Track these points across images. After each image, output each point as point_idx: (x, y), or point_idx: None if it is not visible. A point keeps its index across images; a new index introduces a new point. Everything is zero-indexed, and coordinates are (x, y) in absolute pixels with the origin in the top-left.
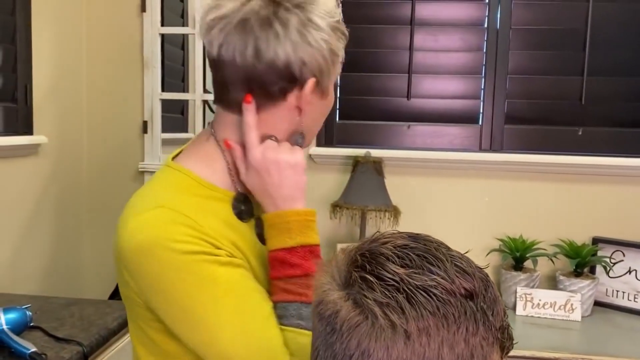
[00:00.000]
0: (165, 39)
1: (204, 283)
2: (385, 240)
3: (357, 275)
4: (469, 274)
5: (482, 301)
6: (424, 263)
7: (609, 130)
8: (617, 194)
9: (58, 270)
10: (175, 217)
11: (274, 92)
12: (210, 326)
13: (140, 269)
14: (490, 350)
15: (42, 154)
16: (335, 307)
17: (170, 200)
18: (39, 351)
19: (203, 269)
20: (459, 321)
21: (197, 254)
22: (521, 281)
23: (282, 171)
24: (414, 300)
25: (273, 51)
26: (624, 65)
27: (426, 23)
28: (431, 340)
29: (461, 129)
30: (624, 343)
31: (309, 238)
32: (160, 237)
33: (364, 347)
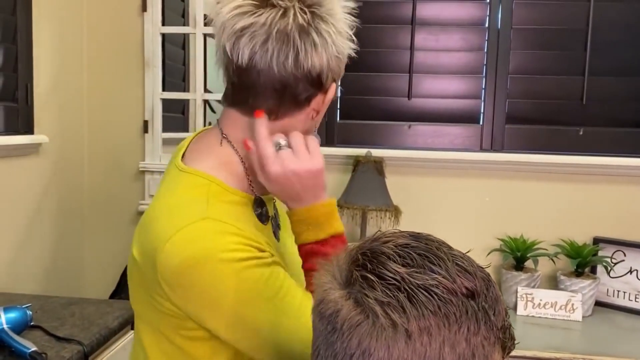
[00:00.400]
0: (166, 38)
1: (256, 287)
2: (386, 239)
3: (358, 274)
4: (470, 273)
5: (483, 300)
6: (425, 262)
7: (610, 130)
8: (618, 194)
9: (59, 270)
10: (222, 227)
11: (302, 99)
12: (265, 324)
13: (189, 282)
14: (491, 350)
15: (42, 153)
16: (336, 306)
17: (211, 211)
18: (40, 350)
19: (255, 273)
20: (460, 320)
21: (247, 260)
22: (522, 281)
23: (304, 180)
24: (415, 300)
25: (311, 61)
26: (625, 65)
27: (427, 23)
28: (432, 339)
29: (462, 128)
30: (624, 343)
31: (337, 227)
32: (211, 248)
33: (364, 346)
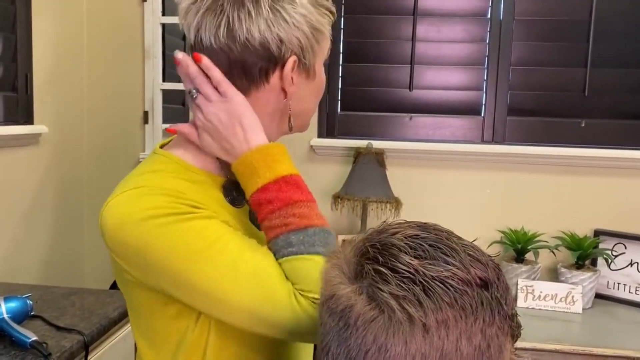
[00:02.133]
0: (166, 29)
1: (187, 238)
2: (394, 230)
3: (369, 268)
4: (482, 263)
5: (496, 290)
6: (438, 253)
7: (612, 122)
8: (619, 186)
9: (58, 261)
10: (151, 191)
11: (254, 74)
12: (206, 279)
13: (122, 244)
14: (504, 339)
15: (42, 143)
16: (348, 302)
17: (150, 182)
18: (40, 340)
19: (183, 226)
20: (476, 312)
21: (173, 215)
22: (522, 273)
23: (224, 122)
24: (431, 292)
25: (246, 30)
26: (627, 56)
27: (429, 13)
28: (450, 332)
29: (463, 120)
30: (624, 335)
31: (280, 170)
32: (132, 210)
33: (380, 342)
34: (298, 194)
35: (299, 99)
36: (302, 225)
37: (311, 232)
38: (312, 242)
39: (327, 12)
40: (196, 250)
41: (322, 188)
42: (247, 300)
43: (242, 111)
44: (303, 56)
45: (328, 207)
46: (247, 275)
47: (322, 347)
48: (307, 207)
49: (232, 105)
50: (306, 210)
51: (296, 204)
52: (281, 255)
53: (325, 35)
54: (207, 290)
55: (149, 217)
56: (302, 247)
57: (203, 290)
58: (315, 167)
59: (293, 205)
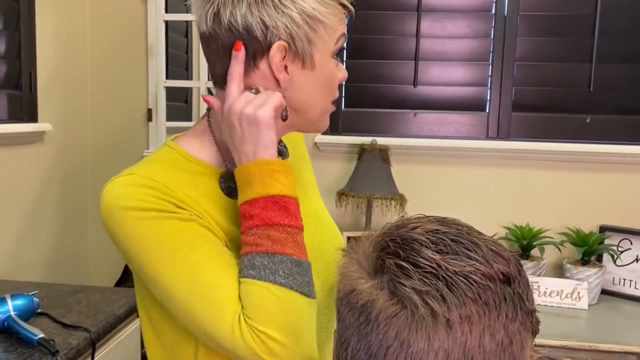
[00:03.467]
0: (169, 26)
1: (160, 237)
2: (414, 225)
3: (391, 262)
4: (504, 257)
5: (518, 286)
6: (460, 248)
7: (617, 118)
8: (625, 182)
9: (63, 258)
10: (138, 180)
11: None
12: (166, 279)
13: (109, 232)
14: (526, 335)
15: (46, 141)
16: (369, 297)
17: (145, 169)
18: (47, 337)
19: (160, 224)
20: (500, 307)
21: (153, 211)
22: (528, 269)
23: (243, 125)
24: (455, 287)
25: (229, 14)
26: (633, 52)
27: (433, 9)
28: (473, 328)
29: (468, 116)
30: (631, 331)
31: (272, 188)
32: (120, 196)
33: (403, 338)
34: (282, 217)
35: (299, 90)
36: (272, 250)
37: (278, 259)
38: (274, 270)
39: (332, 2)
40: (163, 249)
41: (326, 185)
42: (194, 309)
43: (264, 125)
44: (294, 43)
45: (332, 204)
46: (200, 286)
47: (341, 342)
48: (286, 233)
49: (260, 112)
50: (283, 236)
51: (275, 227)
52: (241, 275)
53: (328, 25)
54: (165, 289)
55: (130, 207)
56: (263, 273)
57: (161, 288)
58: (320, 164)
59: (271, 227)
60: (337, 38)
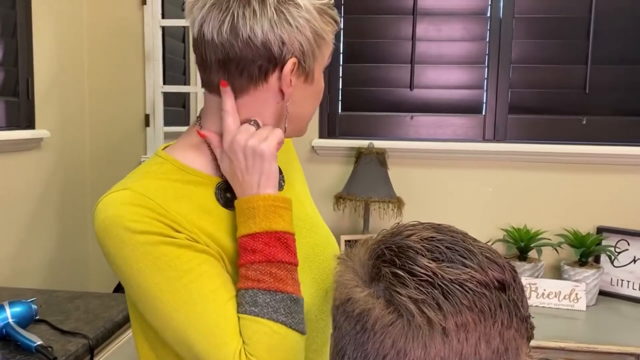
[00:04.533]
0: (166, 32)
1: (158, 263)
2: (409, 232)
3: (387, 271)
4: (499, 265)
5: (513, 293)
6: (455, 256)
7: (613, 119)
8: (621, 183)
9: (62, 265)
10: (135, 198)
11: (253, 72)
12: (164, 307)
13: (104, 249)
14: (521, 342)
15: (44, 148)
16: (366, 305)
17: (138, 183)
18: (45, 344)
19: (158, 250)
20: (495, 315)
21: (151, 235)
22: (526, 271)
23: (248, 157)
24: (450, 295)
25: (250, 28)
26: (628, 53)
27: (429, 13)
28: (469, 335)
29: (464, 119)
30: (629, 332)
31: (276, 224)
32: (116, 215)
33: (399, 347)
34: (283, 254)
35: (296, 103)
36: (274, 288)
37: (279, 297)
38: (276, 308)
39: (332, 21)
40: (162, 277)
41: (324, 188)
42: (194, 342)
43: (268, 157)
44: (303, 60)
45: (330, 207)
46: (201, 319)
47: (337, 351)
48: (287, 270)
49: (264, 146)
50: (284, 273)
51: (277, 264)
52: (243, 311)
53: (327, 42)
54: (162, 317)
55: (127, 228)
56: (265, 311)
57: (158, 316)
58: (317, 168)
59: (274, 264)
60: (330, 53)
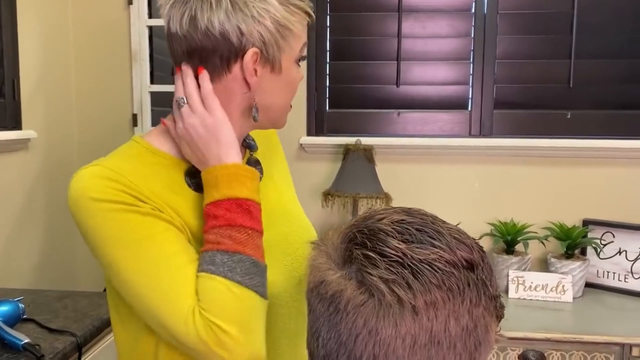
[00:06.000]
0: (153, 32)
1: (120, 230)
2: (380, 216)
3: (358, 253)
4: (467, 245)
5: (481, 272)
6: (424, 237)
7: (597, 113)
8: (606, 176)
9: (50, 265)
10: (102, 172)
11: (215, 62)
12: (126, 273)
13: (76, 222)
14: (490, 320)
15: (31, 148)
16: (338, 287)
17: (109, 161)
18: (32, 342)
19: (121, 217)
20: (464, 293)
21: (115, 203)
22: (513, 264)
23: (201, 135)
24: (420, 275)
25: (207, 19)
26: (611, 48)
27: (414, 10)
28: (438, 313)
29: (451, 115)
30: (614, 322)
31: (238, 192)
32: (84, 188)
33: (371, 326)
34: (244, 219)
35: (266, 93)
36: (232, 249)
37: (237, 258)
38: (232, 268)
39: (298, 11)
40: (124, 242)
41: (312, 186)
42: (150, 302)
43: (221, 127)
44: (265, 50)
45: (319, 204)
46: (158, 280)
47: (312, 333)
48: (247, 235)
49: (212, 120)
50: (244, 237)
51: (237, 228)
52: (200, 270)
53: (294, 33)
54: (124, 281)
55: (94, 198)
56: (221, 269)
57: (121, 280)
58: (305, 165)
59: (233, 228)
60: (301, 46)
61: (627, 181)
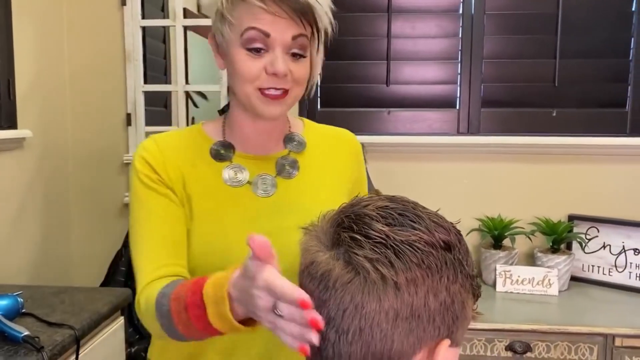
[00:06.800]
0: (147, 32)
1: (133, 195)
2: (366, 203)
3: (345, 235)
4: (445, 228)
5: (458, 252)
6: (406, 220)
7: (581, 111)
8: (591, 172)
9: (46, 263)
10: (149, 145)
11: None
12: (130, 226)
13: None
14: (466, 296)
15: (27, 147)
16: (327, 267)
17: (161, 135)
18: (32, 335)
19: (136, 182)
20: (441, 271)
21: (145, 176)
22: (500, 259)
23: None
24: (401, 254)
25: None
26: (594, 47)
27: (403, 10)
28: (418, 289)
29: (439, 113)
30: (598, 314)
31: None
32: (134, 154)
33: (357, 301)
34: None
35: (229, 77)
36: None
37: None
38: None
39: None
40: (136, 207)
41: None
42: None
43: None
44: (215, 37)
45: None
46: (140, 247)
47: None
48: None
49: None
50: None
51: (190, 320)
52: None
53: (232, 23)
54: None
55: (134, 168)
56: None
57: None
58: None
59: (189, 320)
60: (241, 31)
61: (611, 177)
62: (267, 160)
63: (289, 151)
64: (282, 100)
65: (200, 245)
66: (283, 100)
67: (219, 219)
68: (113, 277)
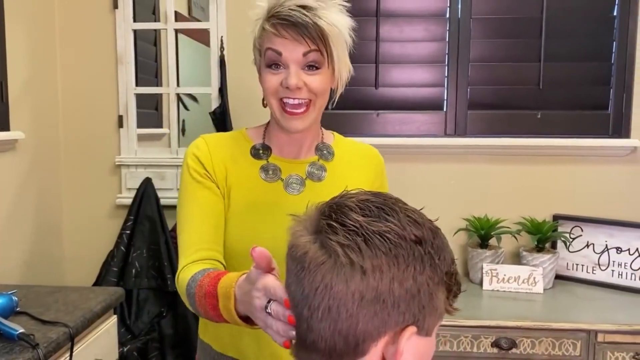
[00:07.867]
0: (138, 35)
1: (182, 186)
2: (350, 195)
3: (324, 223)
4: (419, 224)
5: (429, 247)
6: (381, 213)
7: (566, 113)
8: (575, 173)
9: (38, 264)
10: (199, 143)
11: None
12: (177, 213)
13: None
14: (436, 288)
15: (19, 149)
16: (304, 249)
17: (210, 135)
18: (27, 332)
19: (186, 175)
20: (408, 261)
21: (188, 167)
22: (487, 258)
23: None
24: (371, 243)
25: None
26: (578, 51)
27: (391, 14)
28: (383, 276)
29: (427, 115)
30: (581, 311)
31: (223, 302)
32: (186, 152)
33: (327, 281)
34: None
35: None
36: (209, 307)
37: (200, 300)
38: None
39: (264, 32)
40: (183, 197)
41: None
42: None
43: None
44: (255, 57)
45: None
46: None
47: (286, 286)
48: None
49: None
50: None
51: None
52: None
53: (258, 48)
54: (179, 221)
55: (186, 163)
56: (192, 301)
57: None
58: None
59: (212, 303)
60: (263, 52)
61: (595, 178)
62: (299, 164)
63: (319, 158)
64: (303, 116)
65: (235, 231)
66: (305, 115)
67: (253, 209)
68: (105, 277)
